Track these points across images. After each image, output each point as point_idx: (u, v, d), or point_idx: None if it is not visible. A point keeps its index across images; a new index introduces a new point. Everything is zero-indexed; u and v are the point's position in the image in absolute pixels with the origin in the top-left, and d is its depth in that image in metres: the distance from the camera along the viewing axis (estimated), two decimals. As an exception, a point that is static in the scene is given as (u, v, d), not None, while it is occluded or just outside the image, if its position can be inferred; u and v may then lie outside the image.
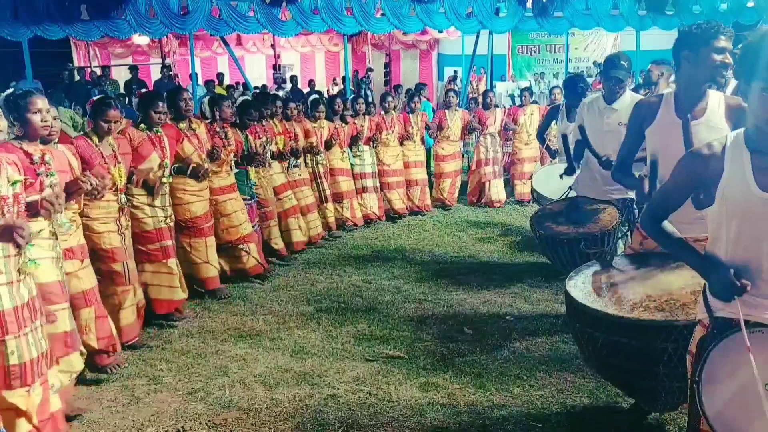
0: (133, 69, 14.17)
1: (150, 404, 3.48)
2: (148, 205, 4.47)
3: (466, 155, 9.31)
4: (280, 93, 13.47)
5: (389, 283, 5.47)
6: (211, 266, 5.08)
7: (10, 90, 3.17)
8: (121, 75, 14.96)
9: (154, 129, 4.50)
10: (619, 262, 2.95)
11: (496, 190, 8.56)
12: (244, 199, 5.57)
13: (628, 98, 4.02)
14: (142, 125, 4.47)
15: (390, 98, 8.11)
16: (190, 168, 4.82)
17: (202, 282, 5.09)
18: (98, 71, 14.80)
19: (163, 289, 4.55)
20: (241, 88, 14.23)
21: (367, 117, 7.62)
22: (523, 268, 5.81)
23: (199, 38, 15.78)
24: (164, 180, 4.53)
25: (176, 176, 4.78)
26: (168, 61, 16.42)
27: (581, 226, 4.03)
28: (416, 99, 8.35)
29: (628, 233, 4.20)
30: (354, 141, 7.42)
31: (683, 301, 2.46)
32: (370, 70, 17.70)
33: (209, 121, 5.38)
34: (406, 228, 7.49)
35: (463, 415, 3.28)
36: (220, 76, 15.35)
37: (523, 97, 8.86)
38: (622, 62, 4.11)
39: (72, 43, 15.64)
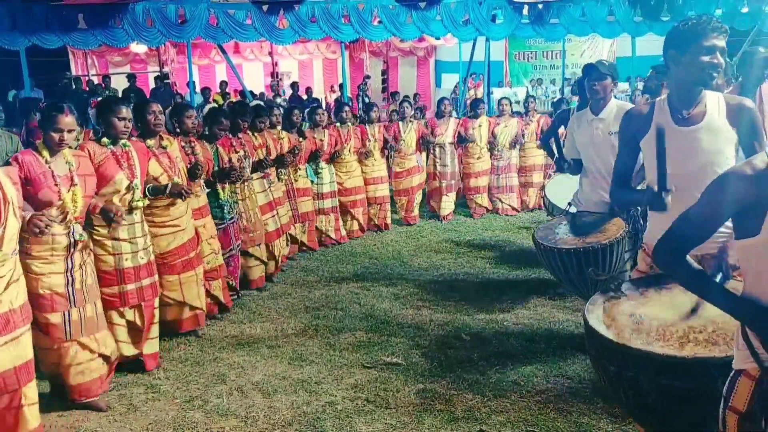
0: (131, 77, 14.22)
1: (147, 413, 3.48)
2: (111, 238, 3.73)
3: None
4: (278, 100, 13.54)
5: (387, 289, 5.47)
6: (186, 306, 4.40)
7: None
8: (119, 83, 15.00)
9: (121, 143, 3.76)
10: (635, 287, 2.54)
11: (447, 205, 8.10)
12: (215, 224, 4.89)
13: (614, 105, 3.93)
14: (105, 139, 3.73)
15: (347, 108, 7.43)
16: (170, 185, 4.04)
17: (170, 324, 4.37)
18: (96, 80, 14.83)
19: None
20: (238, 96, 14.27)
21: (326, 131, 6.88)
22: (521, 274, 5.82)
23: (197, 46, 15.84)
24: (136, 204, 3.82)
25: (151, 198, 4.03)
26: (165, 69, 16.48)
27: (587, 236, 3.75)
28: (375, 109, 7.68)
29: (637, 246, 3.85)
30: (313, 157, 6.65)
31: (733, 330, 2.06)
32: (367, 77, 17.74)
33: (174, 136, 4.63)
34: (403, 235, 7.50)
35: (461, 421, 3.27)
36: (223, 85, 15.38)
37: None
38: (601, 70, 3.90)
39: (70, 52, 15.69)
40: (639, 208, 3.76)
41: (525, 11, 11.92)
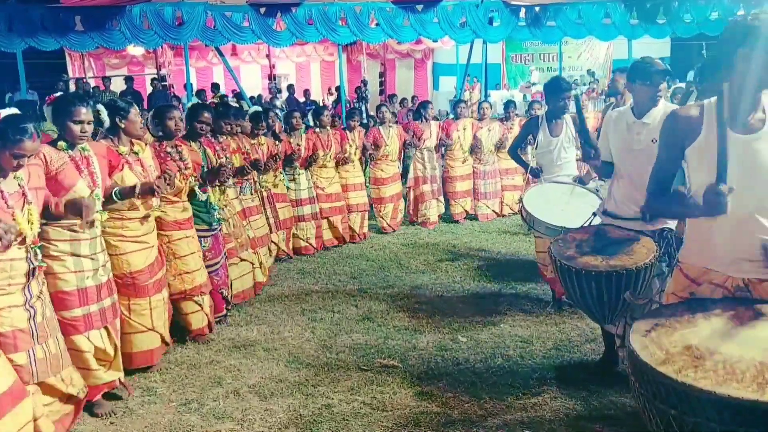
0: (128, 80, 14.22)
1: (143, 416, 3.47)
2: (72, 254, 3.27)
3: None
4: (277, 102, 13.55)
5: (383, 292, 5.47)
6: (156, 333, 3.94)
7: None
8: (116, 86, 15.01)
9: (79, 147, 3.32)
10: (679, 313, 2.19)
11: (434, 211, 8.02)
12: (203, 230, 4.57)
13: (662, 110, 3.33)
14: (62, 143, 3.26)
15: (326, 112, 7.17)
16: (138, 185, 3.52)
17: (141, 356, 3.90)
18: (92, 82, 14.83)
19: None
20: (235, 99, 14.26)
21: (303, 135, 6.71)
22: (518, 277, 5.82)
23: (194, 48, 15.83)
24: (95, 216, 3.27)
25: (116, 206, 3.58)
26: (162, 72, 16.48)
27: (612, 257, 3.18)
28: (356, 117, 7.57)
29: (667, 270, 3.30)
30: (288, 162, 6.49)
31: None
32: (364, 82, 17.73)
33: (157, 140, 4.33)
34: (401, 237, 7.50)
35: (457, 423, 3.27)
36: (214, 88, 15.38)
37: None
38: (652, 67, 3.35)
39: (67, 54, 15.69)
40: (674, 229, 3.33)
41: (522, 14, 11.93)
